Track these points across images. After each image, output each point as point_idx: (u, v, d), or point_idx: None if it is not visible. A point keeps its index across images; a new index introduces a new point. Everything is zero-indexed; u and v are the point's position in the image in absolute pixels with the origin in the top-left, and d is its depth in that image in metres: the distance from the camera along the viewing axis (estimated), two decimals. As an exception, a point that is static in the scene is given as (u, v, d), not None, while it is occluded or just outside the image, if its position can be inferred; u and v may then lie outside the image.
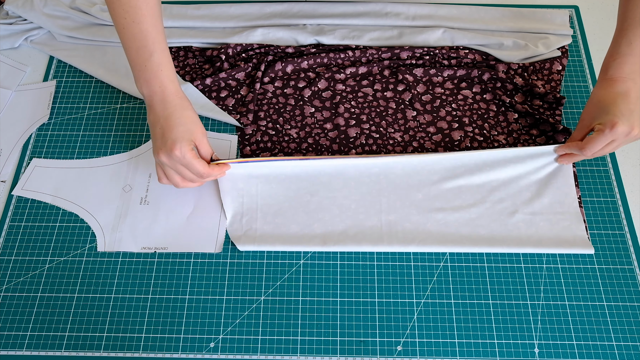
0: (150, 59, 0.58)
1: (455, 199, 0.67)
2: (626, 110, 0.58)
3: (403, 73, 0.77)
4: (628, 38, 0.60)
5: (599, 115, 0.60)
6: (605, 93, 0.61)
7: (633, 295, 0.62)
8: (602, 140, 0.59)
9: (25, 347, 0.59)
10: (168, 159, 0.58)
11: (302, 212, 0.66)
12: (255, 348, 0.59)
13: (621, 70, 0.60)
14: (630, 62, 0.60)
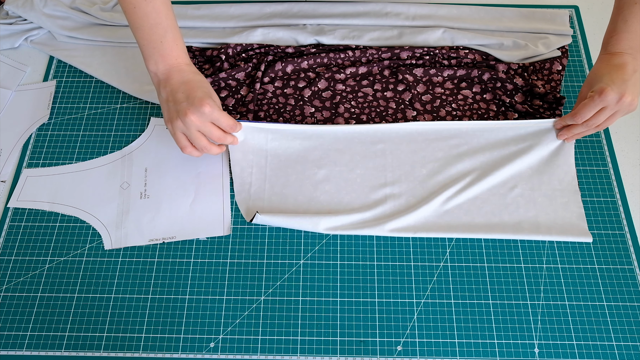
0: (166, 35, 0.60)
1: (458, 175, 0.68)
2: (618, 79, 0.60)
3: (403, 73, 0.77)
4: (624, 16, 0.62)
5: (594, 85, 0.62)
6: (602, 66, 0.63)
7: (633, 295, 0.62)
8: (591, 106, 0.61)
9: (25, 347, 0.59)
10: (198, 117, 0.59)
11: (308, 184, 0.68)
12: (255, 348, 0.59)
13: (619, 46, 0.62)
14: (626, 39, 0.62)
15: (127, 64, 0.79)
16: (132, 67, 0.79)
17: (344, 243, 0.65)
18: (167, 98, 0.61)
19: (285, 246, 0.65)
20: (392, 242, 0.65)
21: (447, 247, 0.65)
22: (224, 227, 0.65)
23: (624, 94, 0.59)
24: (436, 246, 0.65)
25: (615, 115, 0.62)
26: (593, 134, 0.72)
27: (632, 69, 0.61)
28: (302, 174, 0.69)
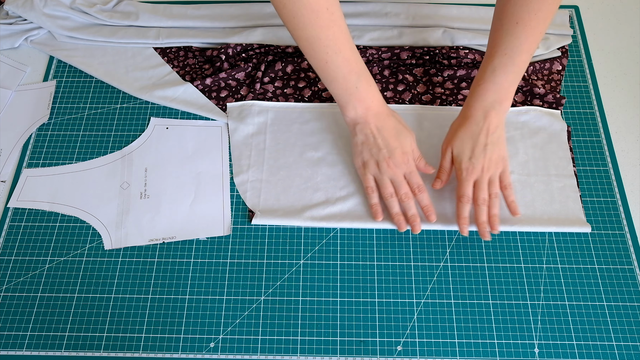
0: (360, 80, 0.61)
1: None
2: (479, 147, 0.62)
3: (403, 73, 0.77)
4: (492, 65, 0.61)
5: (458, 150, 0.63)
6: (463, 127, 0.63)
7: (633, 295, 0.62)
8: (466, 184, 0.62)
9: (25, 347, 0.59)
10: (394, 167, 0.62)
11: (306, 166, 0.69)
12: (255, 348, 0.59)
13: (481, 99, 0.62)
14: (491, 90, 0.62)
15: (127, 64, 0.79)
16: (132, 67, 0.79)
17: (344, 243, 0.65)
18: (365, 141, 0.63)
19: (285, 246, 0.65)
20: (392, 242, 0.65)
21: (447, 247, 0.65)
22: (224, 227, 0.66)
23: (484, 165, 0.62)
24: (436, 246, 0.65)
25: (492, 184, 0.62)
26: (593, 134, 0.73)
27: (493, 127, 0.62)
28: (299, 156, 0.70)
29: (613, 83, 0.78)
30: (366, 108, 0.62)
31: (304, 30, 0.57)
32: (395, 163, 0.62)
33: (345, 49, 0.59)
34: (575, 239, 0.65)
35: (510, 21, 0.59)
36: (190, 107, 0.74)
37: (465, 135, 0.63)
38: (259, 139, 0.72)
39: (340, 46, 0.59)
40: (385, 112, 0.63)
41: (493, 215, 0.62)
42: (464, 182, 0.62)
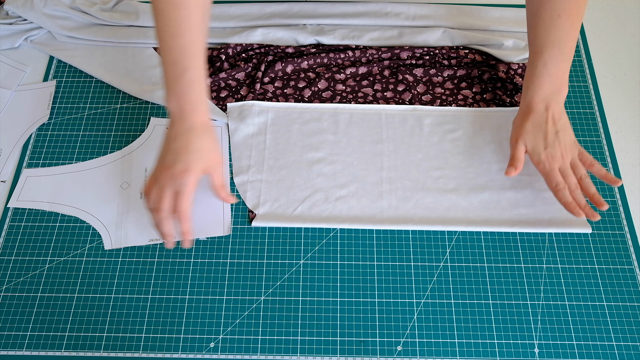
0: (183, 75, 0.58)
1: (454, 159, 0.70)
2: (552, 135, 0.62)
3: (403, 73, 0.77)
4: (543, 59, 0.62)
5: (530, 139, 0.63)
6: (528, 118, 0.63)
7: (633, 295, 0.62)
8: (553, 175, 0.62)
9: (25, 347, 0.59)
10: (169, 179, 0.58)
11: (305, 166, 0.69)
12: (255, 348, 0.59)
13: (540, 91, 0.63)
14: (548, 82, 0.63)
15: (127, 64, 0.79)
16: (132, 67, 0.79)
17: (344, 243, 0.65)
18: (165, 141, 0.60)
19: (285, 246, 0.65)
20: (392, 242, 0.65)
21: (447, 247, 0.65)
22: (224, 227, 0.65)
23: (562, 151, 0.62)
24: (436, 246, 0.65)
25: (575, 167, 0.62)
26: (593, 134, 0.73)
27: (557, 115, 0.62)
28: (299, 156, 0.70)
29: (613, 83, 0.78)
30: (179, 108, 0.58)
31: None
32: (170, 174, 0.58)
33: (185, 37, 0.56)
34: (575, 239, 0.65)
35: (551, 15, 0.61)
36: (190, 107, 0.74)
37: (534, 128, 0.63)
38: (259, 139, 0.72)
39: (181, 32, 0.56)
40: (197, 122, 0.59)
41: (593, 194, 0.61)
42: (551, 171, 0.62)
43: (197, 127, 0.59)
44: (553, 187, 0.62)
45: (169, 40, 0.57)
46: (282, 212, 0.66)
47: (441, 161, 0.70)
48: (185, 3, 0.56)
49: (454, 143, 0.71)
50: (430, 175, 0.68)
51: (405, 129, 0.72)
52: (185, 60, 0.57)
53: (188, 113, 0.59)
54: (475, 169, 0.69)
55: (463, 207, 0.66)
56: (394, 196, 0.67)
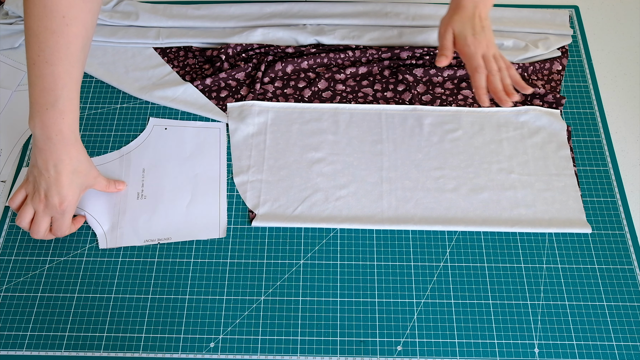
0: (55, 105, 0.55)
1: (454, 159, 0.70)
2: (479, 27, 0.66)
3: (403, 73, 0.77)
4: None
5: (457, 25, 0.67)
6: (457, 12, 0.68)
7: (633, 295, 0.62)
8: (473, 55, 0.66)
9: (25, 347, 0.59)
10: (45, 209, 0.58)
11: (305, 166, 0.69)
12: (255, 348, 0.59)
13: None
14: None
15: (127, 64, 0.79)
16: (132, 67, 0.79)
17: (344, 243, 0.65)
18: (33, 167, 0.59)
19: (285, 246, 0.65)
20: (392, 242, 0.65)
21: (447, 247, 0.65)
22: (219, 229, 0.66)
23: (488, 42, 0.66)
24: (436, 246, 0.65)
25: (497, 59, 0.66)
26: (593, 134, 0.73)
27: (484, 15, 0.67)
28: (299, 156, 0.70)
29: (613, 83, 0.78)
30: (47, 136, 0.56)
31: (29, 19, 0.52)
32: (47, 206, 0.58)
33: (59, 65, 0.53)
34: (575, 239, 0.65)
35: None
36: (190, 107, 0.74)
37: (463, 19, 0.67)
38: (259, 139, 0.72)
39: (56, 60, 0.53)
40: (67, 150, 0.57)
41: (507, 85, 0.65)
42: (475, 55, 0.65)
43: (70, 155, 0.58)
44: (473, 68, 0.66)
45: (43, 66, 0.54)
46: (282, 212, 0.66)
47: (441, 161, 0.70)
48: (64, 32, 0.53)
49: (454, 143, 0.71)
50: (430, 175, 0.68)
51: (405, 129, 0.72)
52: (57, 90, 0.55)
53: (57, 144, 0.57)
54: (475, 169, 0.69)
55: (463, 207, 0.66)
56: (394, 196, 0.67)
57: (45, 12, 0.52)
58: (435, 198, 0.67)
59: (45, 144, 0.57)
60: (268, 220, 0.65)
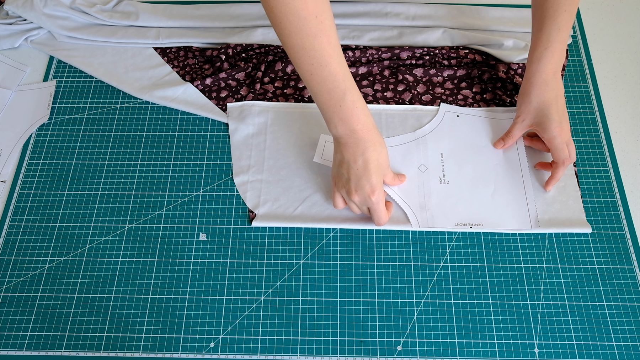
0: (344, 98, 0.57)
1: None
2: (561, 110, 0.65)
3: (403, 73, 0.77)
4: (557, 24, 0.63)
5: (539, 117, 0.65)
6: (543, 93, 0.65)
7: (633, 295, 0.62)
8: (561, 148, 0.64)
9: (25, 347, 0.59)
10: (361, 200, 0.61)
11: (305, 166, 0.69)
12: (255, 348, 0.59)
13: (553, 59, 0.64)
14: (559, 50, 0.63)
15: (127, 64, 0.79)
16: (132, 67, 0.79)
17: (344, 243, 0.65)
18: (341, 162, 0.61)
19: (285, 246, 0.65)
20: (392, 242, 0.65)
21: (447, 247, 0.65)
22: (530, 221, 0.65)
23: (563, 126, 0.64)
24: (436, 246, 0.65)
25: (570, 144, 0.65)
26: (593, 134, 0.73)
27: (563, 88, 0.65)
28: (299, 156, 0.70)
29: (613, 83, 0.78)
30: (350, 130, 0.59)
31: (290, 37, 0.54)
32: (360, 199, 0.61)
33: (332, 62, 0.56)
34: (575, 239, 0.65)
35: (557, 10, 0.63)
36: (190, 107, 0.74)
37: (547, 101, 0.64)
38: (259, 139, 0.72)
39: (327, 58, 0.55)
40: (370, 139, 0.59)
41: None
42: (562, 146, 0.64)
43: (373, 142, 0.59)
44: (560, 160, 0.64)
45: (318, 71, 0.56)
46: (282, 212, 0.66)
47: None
48: (323, 31, 0.54)
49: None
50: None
51: (406, 129, 0.72)
52: (341, 85, 0.57)
53: (360, 132, 0.59)
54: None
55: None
56: None
57: (302, 22, 0.53)
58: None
59: (350, 137, 0.59)
60: (268, 220, 0.65)
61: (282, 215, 0.66)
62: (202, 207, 0.68)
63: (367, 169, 0.59)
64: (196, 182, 0.70)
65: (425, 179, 0.68)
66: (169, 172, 0.70)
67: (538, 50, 0.64)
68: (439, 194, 0.67)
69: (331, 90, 0.57)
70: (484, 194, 0.67)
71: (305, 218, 0.66)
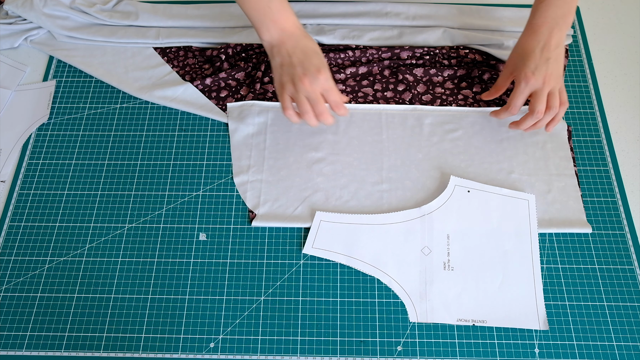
0: (270, 5, 0.62)
1: (454, 159, 0.70)
2: (542, 60, 0.63)
3: (403, 73, 0.77)
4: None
5: (519, 64, 0.64)
6: (527, 41, 0.64)
7: (633, 295, 0.62)
8: (520, 94, 0.64)
9: (25, 347, 0.59)
10: (311, 84, 0.61)
11: (305, 166, 0.69)
12: (255, 348, 0.59)
13: (546, 13, 0.63)
14: (555, 5, 0.63)
15: (127, 64, 0.79)
16: (132, 67, 0.79)
17: (344, 243, 0.65)
18: (282, 62, 0.63)
19: (285, 246, 0.65)
20: (392, 242, 0.65)
21: (447, 247, 0.65)
22: (539, 320, 0.59)
23: (545, 76, 0.62)
24: (436, 246, 0.65)
25: (552, 96, 0.64)
26: (593, 134, 0.72)
27: (555, 43, 0.63)
28: (299, 156, 0.70)
29: (613, 83, 0.78)
30: (280, 29, 0.63)
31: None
32: (310, 80, 0.61)
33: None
34: (576, 239, 0.65)
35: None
36: (190, 107, 0.74)
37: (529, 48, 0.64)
38: (259, 139, 0.72)
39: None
40: (300, 33, 0.64)
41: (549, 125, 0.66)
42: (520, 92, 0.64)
43: (305, 35, 0.64)
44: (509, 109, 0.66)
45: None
46: (282, 212, 0.66)
47: (441, 161, 0.70)
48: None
49: (454, 143, 0.71)
50: (430, 175, 0.68)
51: (406, 129, 0.72)
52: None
53: (291, 29, 0.63)
54: (476, 169, 0.69)
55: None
56: (394, 196, 0.67)
57: None
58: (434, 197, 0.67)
59: (284, 35, 0.63)
60: (268, 220, 0.65)
61: (282, 215, 0.66)
62: (202, 207, 0.68)
63: (306, 54, 0.62)
64: (196, 182, 0.69)
65: (429, 264, 0.62)
66: (169, 172, 0.70)
67: (535, 4, 0.66)
68: (442, 282, 0.61)
69: (257, 2, 0.61)
70: (491, 285, 0.61)
71: (305, 218, 0.66)
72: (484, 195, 0.66)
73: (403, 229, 0.64)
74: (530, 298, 0.60)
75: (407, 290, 0.61)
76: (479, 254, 0.63)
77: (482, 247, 0.63)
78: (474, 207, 0.65)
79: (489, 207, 0.65)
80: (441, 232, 0.64)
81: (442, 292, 0.61)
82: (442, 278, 0.61)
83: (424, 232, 0.64)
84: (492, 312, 0.60)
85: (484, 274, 0.62)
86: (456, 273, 0.62)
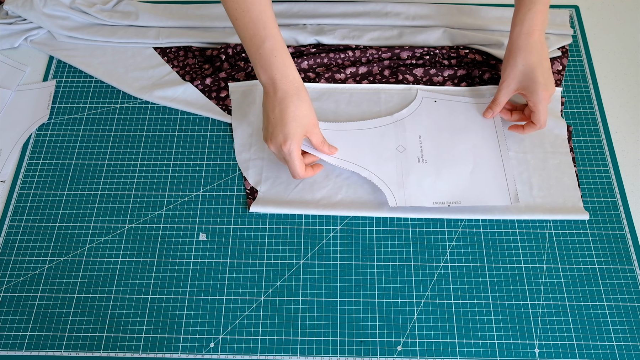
0: (263, 46, 0.59)
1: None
2: (546, 72, 0.65)
3: (403, 73, 0.77)
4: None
5: (525, 81, 0.65)
6: (526, 56, 0.65)
7: (633, 295, 0.62)
8: (544, 111, 0.65)
9: (25, 347, 0.59)
10: (276, 151, 0.62)
11: None
12: (255, 348, 0.59)
13: (536, 21, 0.64)
14: (541, 11, 0.64)
15: (127, 64, 0.79)
16: (132, 67, 0.79)
17: (344, 243, 0.65)
18: (264, 112, 0.63)
19: (285, 246, 0.65)
20: (392, 242, 0.65)
21: (447, 246, 0.65)
22: (509, 196, 0.65)
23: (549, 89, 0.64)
24: (436, 246, 0.65)
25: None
26: (593, 134, 0.73)
27: (546, 49, 0.65)
28: None
29: (613, 83, 0.78)
30: (269, 78, 0.60)
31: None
32: (274, 147, 0.61)
33: (253, 10, 0.58)
34: (576, 239, 0.65)
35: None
36: (190, 107, 0.74)
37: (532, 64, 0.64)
38: (260, 118, 0.72)
39: (249, 5, 0.58)
40: (289, 90, 0.60)
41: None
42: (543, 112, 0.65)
43: (291, 94, 0.60)
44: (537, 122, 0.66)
45: (241, 17, 0.59)
46: (283, 190, 0.67)
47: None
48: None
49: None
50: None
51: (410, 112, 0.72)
52: (260, 32, 0.59)
53: (278, 82, 0.60)
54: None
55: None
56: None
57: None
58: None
59: (270, 86, 0.61)
60: (266, 204, 0.66)
61: (282, 195, 0.66)
62: (202, 207, 0.68)
63: (282, 119, 0.60)
64: (196, 182, 0.70)
65: (404, 159, 0.68)
66: (169, 172, 0.70)
67: (521, 12, 0.65)
68: (418, 172, 0.67)
69: (252, 37, 0.59)
70: (463, 172, 0.67)
71: (307, 203, 0.66)
72: (450, 103, 0.73)
73: (378, 133, 0.70)
74: (500, 178, 0.66)
75: (386, 180, 0.66)
76: (450, 148, 0.69)
77: (452, 142, 0.69)
78: (442, 113, 0.72)
79: (456, 112, 0.72)
80: (413, 133, 0.70)
81: (418, 180, 0.66)
82: (417, 169, 0.67)
83: (397, 134, 0.70)
84: (466, 193, 0.65)
85: (455, 164, 0.67)
86: (430, 165, 0.67)
